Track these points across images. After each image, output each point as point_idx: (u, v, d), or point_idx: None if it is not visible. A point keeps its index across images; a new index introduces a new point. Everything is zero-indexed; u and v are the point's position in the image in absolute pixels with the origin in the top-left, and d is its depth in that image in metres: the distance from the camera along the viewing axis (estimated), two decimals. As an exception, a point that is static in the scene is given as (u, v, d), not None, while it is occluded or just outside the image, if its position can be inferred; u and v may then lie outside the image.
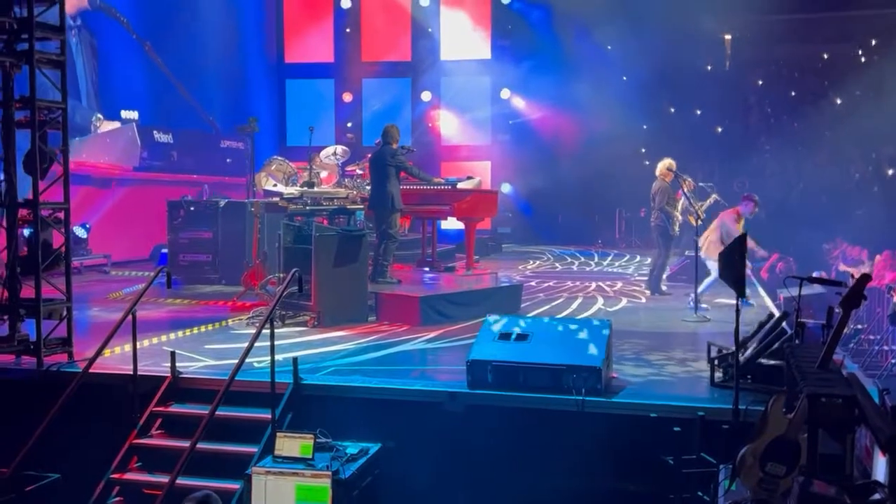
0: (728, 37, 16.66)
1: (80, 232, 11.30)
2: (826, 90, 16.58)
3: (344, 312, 7.60)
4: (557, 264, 13.65)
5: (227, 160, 14.54)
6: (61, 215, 6.14)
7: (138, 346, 5.54)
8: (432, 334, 7.13)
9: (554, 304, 8.97)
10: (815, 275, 7.75)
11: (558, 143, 16.51)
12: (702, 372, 5.67)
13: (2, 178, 6.00)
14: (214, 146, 14.80)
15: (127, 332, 5.55)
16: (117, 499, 5.16)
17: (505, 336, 5.36)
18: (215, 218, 10.48)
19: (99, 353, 5.57)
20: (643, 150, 16.59)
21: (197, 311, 8.54)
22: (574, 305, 8.85)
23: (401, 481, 5.14)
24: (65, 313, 6.15)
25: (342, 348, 6.59)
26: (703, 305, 8.34)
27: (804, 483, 2.92)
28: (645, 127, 16.90)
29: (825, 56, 16.66)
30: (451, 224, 12.09)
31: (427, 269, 9.71)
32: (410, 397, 5.29)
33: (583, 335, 5.34)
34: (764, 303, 8.91)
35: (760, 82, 17.33)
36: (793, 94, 17.04)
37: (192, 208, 10.64)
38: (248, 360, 5.23)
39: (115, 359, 6.05)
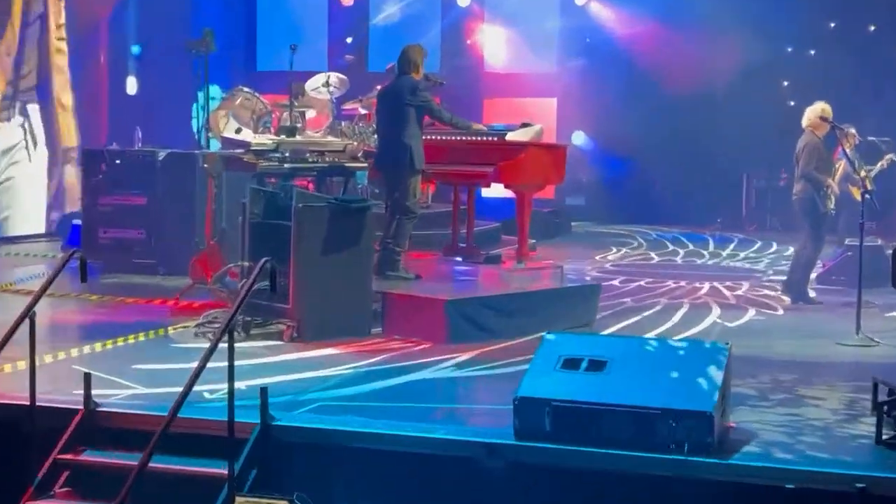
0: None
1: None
2: None
3: (336, 321, 7.64)
4: (653, 254, 13.64)
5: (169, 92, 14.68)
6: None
7: (37, 364, 5.57)
8: (464, 356, 7.16)
9: (646, 314, 8.95)
10: None
11: (659, 73, 16.41)
12: (864, 423, 5.63)
13: None
14: (151, 72, 14.94)
15: (22, 344, 5.59)
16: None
17: (572, 363, 5.35)
18: (151, 177, 10.58)
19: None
20: (785, 85, 16.44)
21: (123, 313, 8.63)
22: (676, 317, 8.82)
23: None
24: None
25: (332, 374, 6.64)
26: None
27: None
28: (790, 50, 16.73)
29: None
30: (496, 192, 12.12)
31: (459, 258, 9.75)
32: (430, 449, 5.29)
33: (687, 364, 5.32)
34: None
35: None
36: None
37: (117, 161, 10.76)
38: (196, 388, 5.26)
39: (2, 381, 6.15)
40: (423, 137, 8.83)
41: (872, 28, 16.88)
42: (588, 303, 8.56)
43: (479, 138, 9.25)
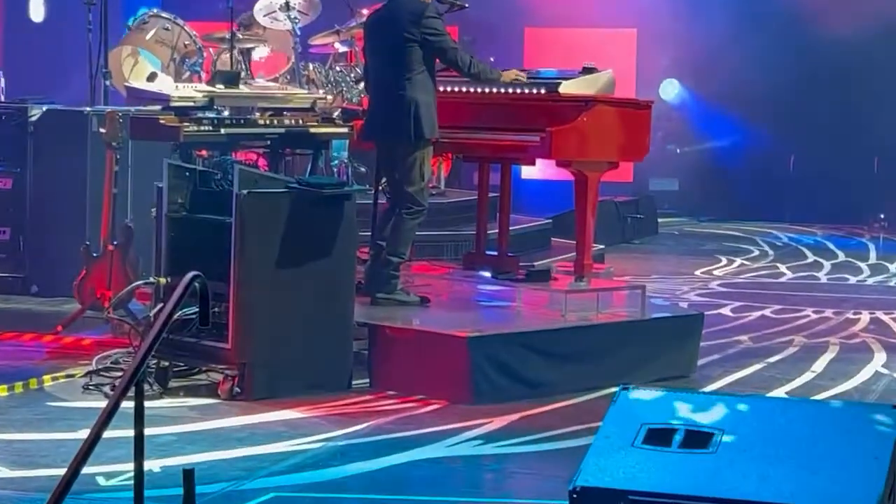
0: None
1: None
2: None
3: (298, 369, 7.68)
4: (783, 267, 13.64)
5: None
6: None
7: None
8: (495, 423, 7.18)
9: (773, 360, 8.94)
10: None
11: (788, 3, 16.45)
12: None
13: None
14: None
15: None
16: None
17: (660, 436, 5.32)
18: (20, 147, 10.60)
19: None
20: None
21: (-23, 353, 8.64)
22: (819, 365, 8.82)
23: None
24: None
25: (292, 450, 6.64)
26: None
27: None
28: None
29: None
30: (544, 172, 12.05)
31: (488, 273, 9.72)
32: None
33: (837, 438, 5.29)
34: None
35: None
36: None
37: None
38: (86, 469, 5.26)
39: None
40: (437, 90, 8.79)
41: None
42: (684, 343, 8.55)
43: (518, 91, 9.21)
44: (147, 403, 5.14)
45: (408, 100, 8.48)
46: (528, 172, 12.60)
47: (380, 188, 9.11)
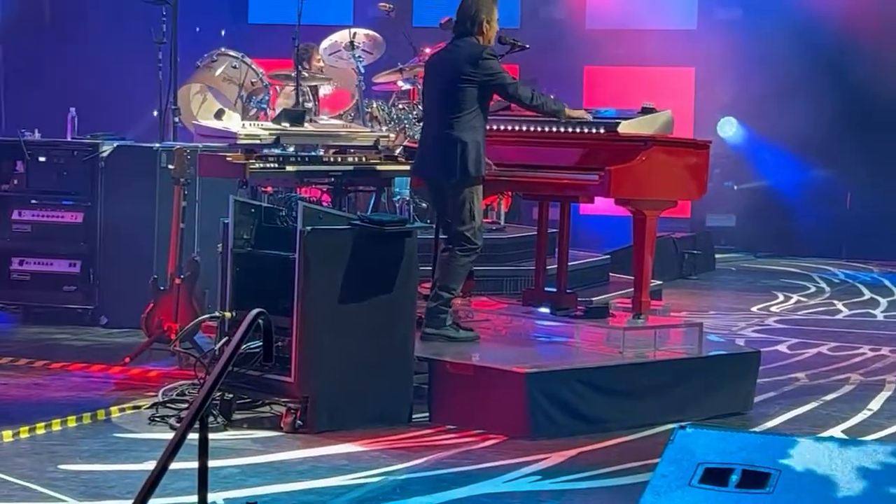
0: None
1: None
2: None
3: (360, 402, 7.69)
4: (840, 304, 13.53)
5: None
6: None
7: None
8: (553, 459, 7.15)
9: (830, 398, 8.87)
10: None
11: (856, 34, 16.35)
12: None
13: None
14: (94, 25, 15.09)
15: None
16: None
17: (717, 476, 5.29)
18: (91, 181, 10.71)
19: None
20: None
21: (45, 384, 8.67)
22: (875, 403, 8.76)
23: None
24: None
25: (353, 482, 6.63)
26: None
27: None
28: None
29: None
30: (603, 208, 12.03)
31: (546, 309, 9.70)
32: None
33: (894, 483, 5.24)
34: None
35: None
36: None
37: (41, 158, 10.88)
38: (152, 500, 5.27)
39: None
40: (495, 128, 8.82)
41: None
42: (741, 380, 8.50)
43: (577, 130, 9.21)
44: (211, 435, 5.18)
45: (455, 138, 8.47)
46: (586, 208, 12.59)
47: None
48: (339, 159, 9.28)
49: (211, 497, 5.24)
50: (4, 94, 15.86)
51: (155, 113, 11.30)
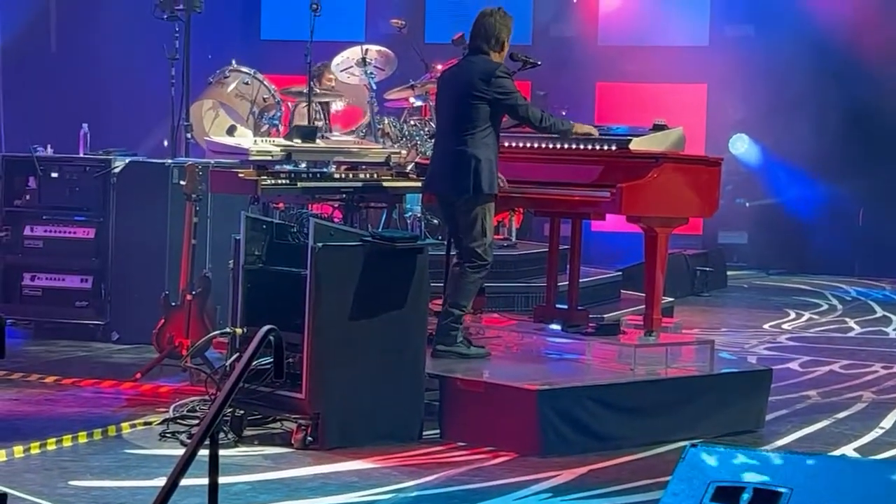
0: None
1: None
2: None
3: (371, 419, 7.66)
4: (851, 322, 13.50)
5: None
6: None
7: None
8: (564, 476, 7.12)
9: (842, 416, 8.84)
10: None
11: (868, 49, 16.34)
12: None
13: None
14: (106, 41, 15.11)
15: None
16: None
17: (728, 495, 5.27)
18: (103, 196, 10.72)
19: None
20: None
21: (56, 399, 8.66)
22: (887, 421, 8.73)
23: None
24: None
25: (364, 500, 6.62)
26: None
27: None
28: None
29: None
30: (615, 225, 12.01)
31: (557, 326, 9.69)
32: None
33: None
34: None
35: None
36: None
37: (53, 174, 10.90)
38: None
39: None
40: (507, 144, 8.80)
41: None
42: (753, 398, 8.48)
43: (589, 147, 9.20)
44: (221, 452, 5.17)
45: (468, 155, 8.45)
46: (598, 224, 12.59)
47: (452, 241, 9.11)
48: (351, 175, 9.28)
49: (221, 514, 5.24)
50: (16, 109, 15.87)
51: (166, 143, 11.32)
